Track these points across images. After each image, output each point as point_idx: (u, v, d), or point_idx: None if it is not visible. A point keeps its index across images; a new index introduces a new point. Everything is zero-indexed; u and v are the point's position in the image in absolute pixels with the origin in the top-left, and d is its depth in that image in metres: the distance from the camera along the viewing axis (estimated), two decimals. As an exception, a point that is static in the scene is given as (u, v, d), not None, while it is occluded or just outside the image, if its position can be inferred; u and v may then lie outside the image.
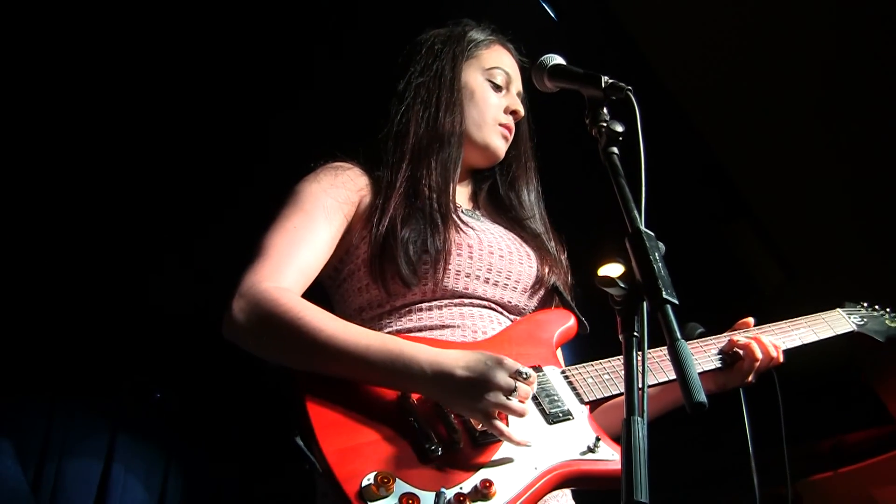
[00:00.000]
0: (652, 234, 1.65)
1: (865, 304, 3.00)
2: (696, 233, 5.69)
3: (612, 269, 6.18)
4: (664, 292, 1.52)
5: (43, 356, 6.08)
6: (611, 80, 1.95)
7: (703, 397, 1.40)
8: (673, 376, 2.25)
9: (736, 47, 4.69)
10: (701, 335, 2.55)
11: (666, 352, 2.27)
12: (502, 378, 1.88)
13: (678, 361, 1.45)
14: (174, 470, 6.83)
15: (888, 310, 3.04)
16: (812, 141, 5.31)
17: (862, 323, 2.89)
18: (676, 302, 1.52)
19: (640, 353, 1.56)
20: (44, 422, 6.07)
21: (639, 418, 1.46)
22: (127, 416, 6.57)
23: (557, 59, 2.19)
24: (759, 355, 2.44)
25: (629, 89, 1.91)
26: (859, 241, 6.05)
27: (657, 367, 2.29)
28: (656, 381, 2.29)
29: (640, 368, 1.53)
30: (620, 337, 1.59)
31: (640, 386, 1.50)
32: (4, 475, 5.56)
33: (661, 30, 4.56)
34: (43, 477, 5.93)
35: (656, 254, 1.60)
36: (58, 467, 6.06)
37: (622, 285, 1.62)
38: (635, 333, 1.57)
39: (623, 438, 1.46)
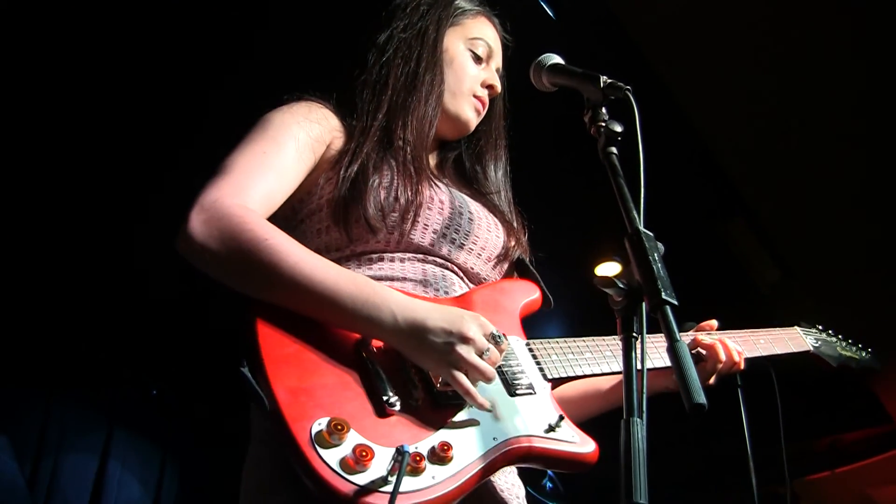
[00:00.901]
0: (651, 234, 1.65)
1: (820, 328, 3.01)
2: (693, 230, 5.70)
3: (609, 268, 6.22)
4: (663, 293, 1.52)
5: (40, 351, 6.08)
6: (609, 80, 1.94)
7: (703, 398, 1.40)
8: (663, 364, 2.29)
9: (734, 44, 4.69)
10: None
11: (653, 339, 2.30)
12: (477, 335, 1.84)
13: (678, 362, 1.45)
14: (170, 465, 6.83)
15: (840, 337, 3.06)
16: (810, 138, 5.32)
17: (817, 345, 2.90)
18: (676, 303, 1.52)
19: (639, 353, 1.56)
20: (40, 417, 6.07)
21: (638, 419, 1.46)
22: (124, 412, 6.57)
23: (556, 59, 2.19)
24: (723, 357, 2.40)
25: (628, 89, 1.90)
26: (855, 239, 6.06)
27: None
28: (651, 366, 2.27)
29: (639, 369, 1.53)
30: (620, 337, 1.59)
31: (638, 387, 1.50)
32: (1, 470, 5.56)
33: (659, 27, 4.56)
34: (39, 472, 5.93)
35: (655, 254, 1.60)
36: (54, 463, 6.06)
37: (621, 286, 1.62)
38: (634, 334, 1.58)
39: (622, 439, 1.46)
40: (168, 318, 6.34)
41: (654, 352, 2.34)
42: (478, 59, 2.52)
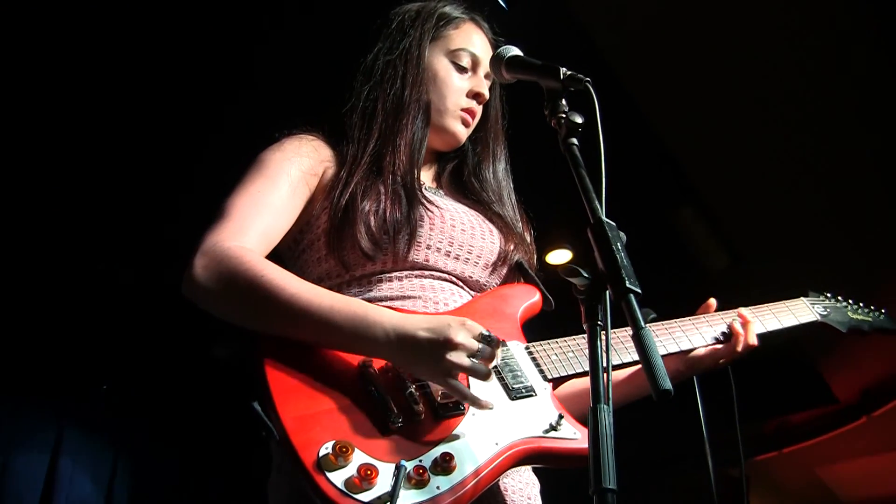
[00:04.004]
0: (613, 223, 1.66)
1: (829, 295, 2.97)
2: (642, 217, 5.74)
3: (560, 255, 6.24)
4: (627, 282, 1.54)
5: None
6: (569, 72, 1.95)
7: (668, 384, 1.43)
8: (677, 349, 2.33)
9: (685, 32, 4.73)
10: (653, 321, 2.54)
11: (666, 325, 2.33)
12: (464, 338, 1.87)
13: (643, 350, 1.47)
14: (122, 462, 6.78)
15: (850, 301, 3.01)
16: (759, 126, 5.39)
17: (825, 313, 2.86)
18: (639, 291, 1.54)
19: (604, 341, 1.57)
20: (-10, 417, 6.00)
21: (605, 406, 1.49)
22: (75, 409, 6.50)
23: (515, 51, 2.20)
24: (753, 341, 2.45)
25: (588, 81, 1.92)
26: (803, 225, 6.16)
27: (622, 347, 2.28)
28: (622, 362, 2.29)
29: (604, 357, 1.55)
30: (585, 326, 1.61)
31: (604, 376, 1.52)
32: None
33: (610, 15, 4.59)
34: (-10, 471, 5.87)
35: (619, 244, 1.62)
36: (4, 463, 5.99)
37: (585, 275, 1.63)
38: (599, 322, 1.60)
39: (590, 426, 1.48)
40: (118, 313, 6.29)
41: (668, 336, 2.41)
42: (462, 69, 2.52)
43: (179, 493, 7.09)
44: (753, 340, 2.46)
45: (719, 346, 2.46)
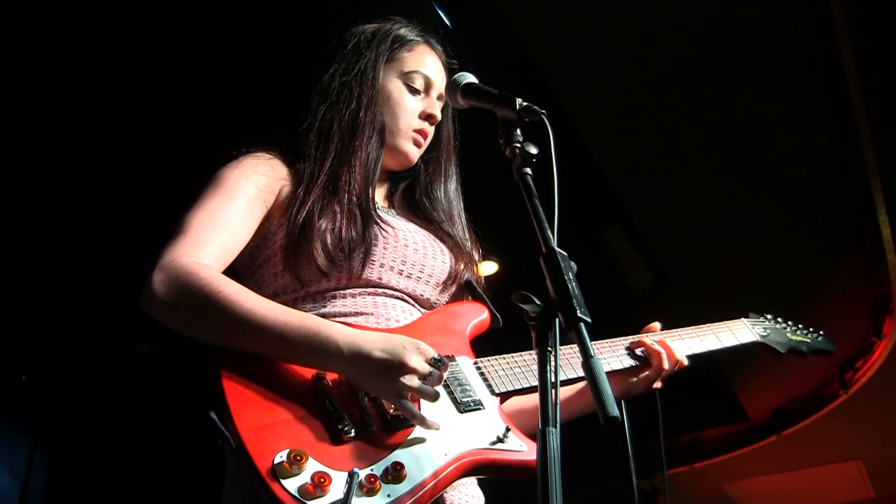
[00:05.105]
0: (565, 253, 1.72)
1: (769, 316, 3.03)
2: (567, 235, 5.81)
3: (487, 268, 6.30)
4: (578, 311, 1.59)
5: None
6: (525, 103, 2.01)
7: (616, 412, 1.48)
8: (582, 373, 2.30)
9: (619, 59, 4.83)
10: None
11: (576, 349, 2.37)
12: (418, 362, 1.93)
13: (593, 378, 1.52)
14: (39, 452, 6.70)
15: (790, 323, 3.07)
16: (682, 148, 5.52)
17: (765, 334, 2.93)
18: (590, 320, 1.59)
19: (553, 366, 1.63)
20: None
21: (553, 429, 1.54)
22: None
23: (470, 78, 2.24)
24: (667, 366, 2.48)
25: (543, 113, 1.98)
26: (724, 245, 6.32)
27: (567, 363, 2.34)
28: (567, 378, 2.35)
29: (553, 381, 1.61)
30: (535, 352, 1.66)
31: (553, 399, 1.58)
32: None
33: (547, 34, 4.65)
34: None
35: (570, 273, 1.67)
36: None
37: (538, 302, 1.68)
38: (549, 348, 1.65)
39: (538, 449, 1.54)
40: (39, 303, 6.21)
41: (612, 355, 2.48)
42: (415, 91, 2.55)
43: (97, 485, 7.04)
44: (676, 360, 2.51)
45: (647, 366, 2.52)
